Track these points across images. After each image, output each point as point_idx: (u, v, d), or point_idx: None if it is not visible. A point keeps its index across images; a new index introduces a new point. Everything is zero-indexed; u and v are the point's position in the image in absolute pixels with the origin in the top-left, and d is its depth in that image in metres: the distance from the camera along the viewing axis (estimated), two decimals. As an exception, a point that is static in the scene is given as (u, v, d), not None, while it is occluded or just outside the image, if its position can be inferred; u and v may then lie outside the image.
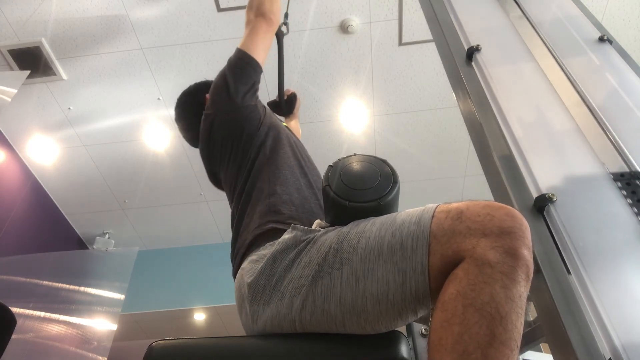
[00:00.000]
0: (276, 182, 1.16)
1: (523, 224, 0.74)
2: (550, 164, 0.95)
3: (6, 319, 1.47)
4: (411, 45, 3.39)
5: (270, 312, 0.91)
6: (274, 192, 1.14)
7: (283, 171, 1.20)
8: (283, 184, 1.16)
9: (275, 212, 1.09)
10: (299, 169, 1.24)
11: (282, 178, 1.17)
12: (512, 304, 0.68)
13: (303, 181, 1.20)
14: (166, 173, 4.20)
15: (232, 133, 1.28)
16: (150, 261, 4.80)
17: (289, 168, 1.21)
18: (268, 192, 1.14)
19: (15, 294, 3.46)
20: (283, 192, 1.14)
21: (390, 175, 0.93)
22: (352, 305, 0.82)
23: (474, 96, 1.13)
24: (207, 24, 3.24)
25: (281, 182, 1.16)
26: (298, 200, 1.13)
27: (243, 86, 1.30)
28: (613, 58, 1.19)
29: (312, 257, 0.88)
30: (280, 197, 1.12)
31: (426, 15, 1.49)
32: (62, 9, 3.14)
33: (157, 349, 0.88)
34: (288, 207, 1.10)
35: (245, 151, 1.25)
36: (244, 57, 1.34)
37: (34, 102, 3.64)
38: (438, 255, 0.76)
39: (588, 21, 1.31)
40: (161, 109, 3.73)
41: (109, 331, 3.76)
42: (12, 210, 3.86)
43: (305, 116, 3.80)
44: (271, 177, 1.18)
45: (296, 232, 0.95)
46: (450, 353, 0.67)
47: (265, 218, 1.09)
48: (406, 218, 0.83)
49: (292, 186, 1.16)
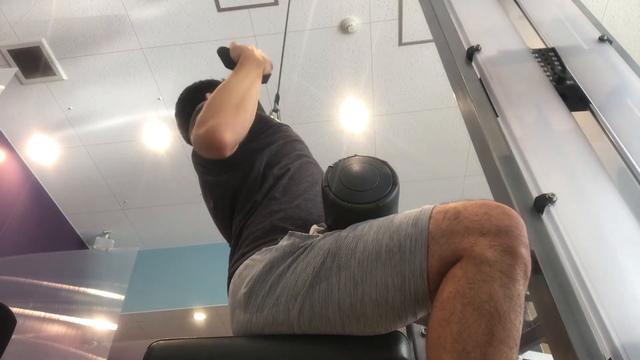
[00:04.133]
0: (277, 181, 1.15)
1: (520, 222, 0.74)
2: (550, 164, 0.95)
3: (6, 319, 1.47)
4: (411, 45, 3.39)
5: (264, 318, 0.89)
6: (273, 197, 1.11)
7: (284, 170, 1.17)
8: (284, 184, 1.14)
9: (276, 210, 1.08)
10: (300, 168, 1.22)
11: (283, 177, 1.16)
12: (511, 302, 0.68)
13: (304, 181, 1.18)
14: (166, 173, 4.20)
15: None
16: (150, 261, 4.80)
17: (289, 167, 1.20)
18: (274, 209, 1.09)
19: (15, 294, 3.46)
20: (284, 192, 1.12)
21: (390, 176, 0.92)
22: (351, 310, 0.81)
23: (474, 96, 1.13)
24: (207, 24, 3.24)
25: (282, 182, 1.15)
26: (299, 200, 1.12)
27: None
28: (613, 58, 1.19)
29: (309, 262, 0.88)
30: (281, 196, 1.11)
31: (426, 15, 1.49)
32: (62, 9, 3.14)
33: (157, 349, 0.88)
34: (288, 206, 1.09)
35: (243, 159, 1.19)
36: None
37: (34, 102, 3.65)
38: (437, 256, 0.76)
39: (588, 21, 1.31)
40: (161, 109, 3.73)
41: (109, 331, 3.77)
42: (12, 210, 3.86)
43: (305, 116, 3.81)
44: (272, 176, 1.16)
45: (294, 239, 0.94)
46: (449, 352, 0.67)
47: (265, 216, 1.08)
48: (403, 220, 0.83)
49: (293, 186, 1.15)
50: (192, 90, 1.52)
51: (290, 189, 1.13)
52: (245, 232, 1.09)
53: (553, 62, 1.18)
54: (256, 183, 1.15)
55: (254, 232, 1.06)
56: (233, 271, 1.05)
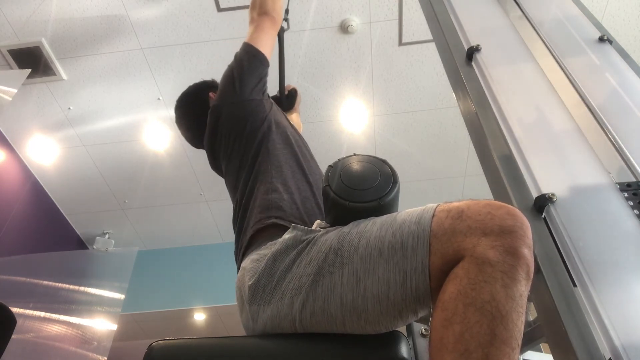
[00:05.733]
0: (278, 180, 1.16)
1: (524, 223, 0.74)
2: (550, 164, 0.95)
3: (6, 319, 1.47)
4: (411, 45, 3.39)
5: (270, 312, 0.90)
6: (275, 189, 1.14)
7: (285, 169, 1.19)
8: (285, 182, 1.16)
9: (276, 208, 1.09)
10: (300, 169, 1.23)
11: (284, 176, 1.17)
12: (513, 302, 0.68)
13: (304, 181, 1.20)
14: (166, 173, 4.20)
15: (237, 126, 1.28)
16: (150, 261, 4.79)
17: (290, 167, 1.21)
18: (270, 188, 1.14)
19: (15, 294, 3.46)
20: (284, 190, 1.14)
21: (390, 175, 0.93)
22: (352, 305, 0.81)
23: (474, 96, 1.13)
24: (207, 24, 3.24)
25: (283, 180, 1.16)
26: (299, 199, 1.13)
27: (250, 79, 1.31)
28: (613, 58, 1.19)
29: (312, 257, 0.88)
30: (282, 194, 1.12)
31: (426, 15, 1.49)
32: (62, 9, 3.14)
33: (157, 349, 0.88)
34: (289, 205, 1.10)
35: (248, 146, 1.25)
36: (251, 50, 1.35)
37: (34, 102, 3.64)
38: (439, 255, 0.76)
39: (588, 21, 1.31)
40: (161, 109, 3.72)
41: (109, 331, 3.77)
42: (12, 210, 3.86)
43: (305, 116, 3.80)
44: (274, 174, 1.17)
45: (297, 232, 0.95)
46: (451, 352, 0.67)
47: (266, 213, 1.09)
48: (407, 218, 0.83)
49: (293, 185, 1.16)
50: (191, 94, 1.54)
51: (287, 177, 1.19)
52: (248, 214, 1.16)
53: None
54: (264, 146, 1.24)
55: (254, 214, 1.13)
56: (239, 265, 1.08)
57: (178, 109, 1.54)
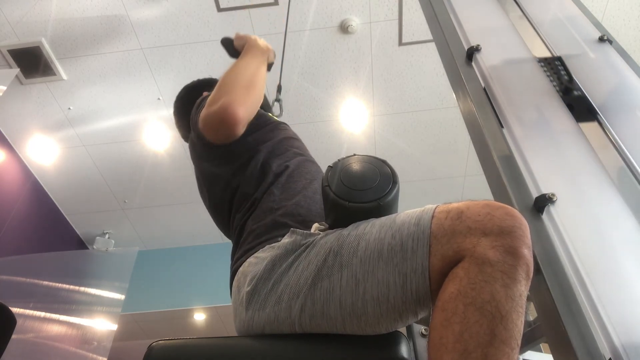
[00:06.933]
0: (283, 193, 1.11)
1: (523, 223, 0.74)
2: (550, 164, 0.95)
3: (6, 319, 1.47)
4: (411, 45, 3.39)
5: (266, 316, 0.89)
6: (280, 206, 1.09)
7: (292, 182, 1.14)
8: (291, 197, 1.11)
9: (276, 208, 1.08)
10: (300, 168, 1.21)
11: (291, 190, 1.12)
12: (513, 302, 0.68)
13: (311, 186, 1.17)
14: (166, 173, 4.20)
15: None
16: (150, 261, 4.80)
17: (298, 175, 1.17)
18: (274, 206, 1.08)
19: (15, 294, 3.46)
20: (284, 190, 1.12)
21: (390, 175, 0.92)
22: (352, 308, 0.81)
23: (474, 96, 1.13)
24: (207, 24, 3.24)
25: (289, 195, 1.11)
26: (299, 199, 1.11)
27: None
28: (613, 58, 1.19)
29: (311, 260, 0.88)
30: (281, 194, 1.11)
31: (426, 15, 1.49)
32: (62, 9, 3.14)
33: (157, 349, 0.88)
34: (289, 205, 1.09)
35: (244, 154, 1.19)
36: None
37: (34, 102, 3.64)
38: (439, 256, 0.76)
39: (588, 21, 1.31)
40: (161, 109, 3.72)
41: (109, 331, 3.76)
42: (12, 210, 3.86)
43: (305, 116, 3.81)
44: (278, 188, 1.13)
45: (296, 237, 0.94)
46: (450, 352, 0.67)
47: (266, 213, 1.08)
48: (406, 219, 0.83)
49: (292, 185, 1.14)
50: (191, 90, 1.52)
51: (289, 186, 1.13)
52: (247, 229, 1.09)
53: (559, 72, 1.18)
54: (253, 178, 1.15)
55: (255, 230, 1.06)
56: (236, 268, 1.05)
57: (176, 102, 1.54)
